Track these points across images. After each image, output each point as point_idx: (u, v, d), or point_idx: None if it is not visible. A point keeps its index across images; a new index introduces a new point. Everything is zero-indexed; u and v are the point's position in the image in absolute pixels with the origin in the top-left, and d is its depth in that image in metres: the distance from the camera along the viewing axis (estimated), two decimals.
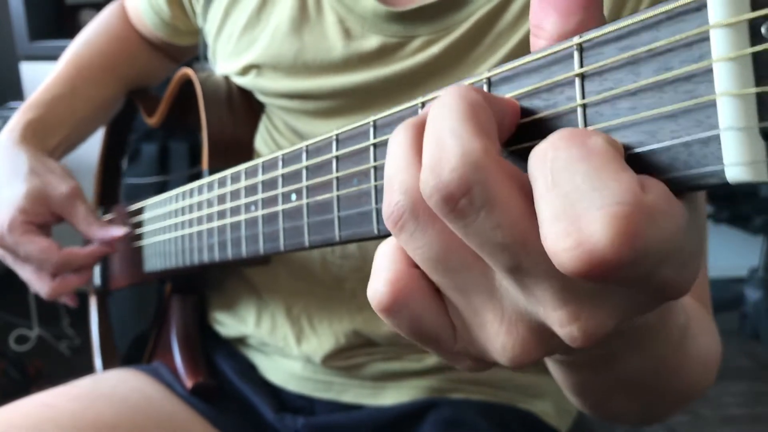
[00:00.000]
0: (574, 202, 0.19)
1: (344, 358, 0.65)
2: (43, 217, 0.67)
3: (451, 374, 0.65)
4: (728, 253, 2.26)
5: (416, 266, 0.26)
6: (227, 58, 0.65)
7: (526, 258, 0.22)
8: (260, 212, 0.44)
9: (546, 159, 0.21)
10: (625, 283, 0.20)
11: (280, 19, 0.59)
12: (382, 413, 0.65)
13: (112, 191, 0.92)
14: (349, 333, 0.63)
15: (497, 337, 0.25)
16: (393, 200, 0.24)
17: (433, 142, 0.22)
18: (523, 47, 0.52)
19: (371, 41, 0.56)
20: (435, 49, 0.54)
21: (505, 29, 0.53)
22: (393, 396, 0.65)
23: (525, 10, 0.52)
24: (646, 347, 0.33)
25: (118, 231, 0.68)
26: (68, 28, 1.97)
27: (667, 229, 0.20)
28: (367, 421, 0.65)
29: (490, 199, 0.21)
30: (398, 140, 0.25)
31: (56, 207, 0.67)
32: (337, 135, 0.35)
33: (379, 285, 0.26)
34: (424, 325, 0.26)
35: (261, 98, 0.65)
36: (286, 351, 0.67)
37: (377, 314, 0.26)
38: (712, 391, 1.85)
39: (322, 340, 0.65)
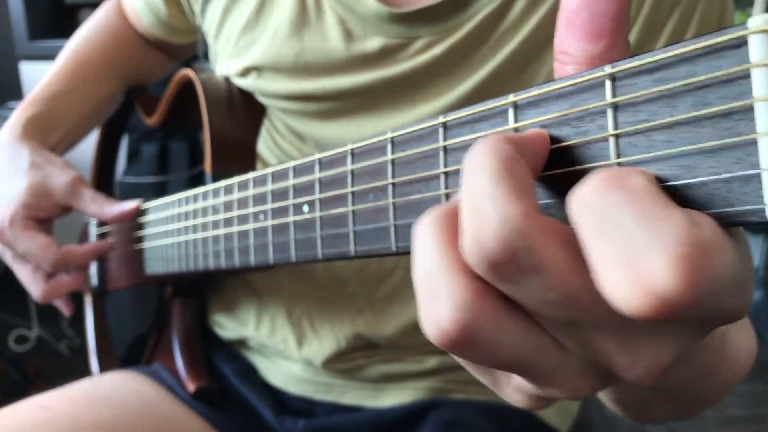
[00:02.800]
0: (630, 247, 0.19)
1: (345, 361, 0.64)
2: (47, 210, 0.67)
3: (452, 375, 0.65)
4: None
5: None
6: (227, 59, 0.64)
7: (581, 312, 0.21)
8: (270, 222, 0.43)
9: (591, 206, 0.20)
10: (692, 319, 0.21)
11: (280, 20, 0.59)
12: (382, 414, 0.65)
13: (107, 191, 0.91)
14: (350, 336, 0.63)
15: (566, 387, 0.24)
16: (445, 316, 0.22)
17: (469, 209, 0.21)
18: (526, 46, 0.52)
19: (373, 42, 0.55)
20: (438, 50, 0.54)
21: (509, 28, 0.52)
22: (394, 397, 0.65)
23: (528, 9, 0.52)
24: (691, 358, 0.32)
25: (130, 205, 0.67)
26: (67, 27, 1.96)
27: (726, 263, 0.19)
28: (368, 423, 0.65)
29: (538, 263, 0.21)
30: (427, 235, 0.23)
31: (60, 197, 0.66)
32: (352, 149, 0.35)
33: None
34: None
35: (262, 100, 0.64)
36: (286, 353, 0.67)
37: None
38: None
39: (323, 343, 0.64)
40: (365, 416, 0.65)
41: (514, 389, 0.26)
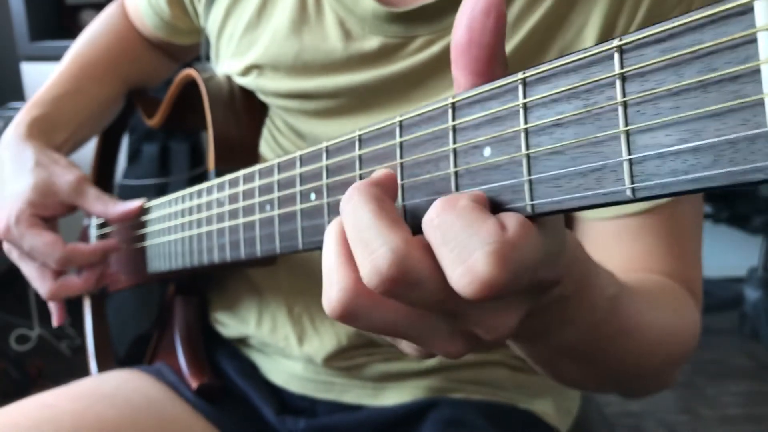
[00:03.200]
0: (461, 250, 0.26)
1: (346, 359, 0.65)
2: (52, 208, 0.67)
3: (452, 374, 0.65)
4: (728, 253, 2.26)
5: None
6: (229, 59, 0.65)
7: (451, 305, 0.28)
8: (276, 212, 0.44)
9: (433, 225, 0.27)
10: (514, 293, 0.28)
11: (281, 20, 0.59)
12: (382, 413, 0.65)
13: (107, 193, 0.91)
14: (351, 333, 0.63)
15: (441, 349, 0.31)
16: (333, 297, 0.29)
17: (360, 242, 0.28)
18: (522, 48, 0.52)
19: (372, 42, 0.56)
20: (435, 49, 0.54)
21: (506, 30, 0.53)
22: (394, 396, 0.65)
23: (527, 10, 0.52)
24: (575, 319, 0.37)
25: (135, 204, 0.68)
26: (69, 28, 1.96)
27: (530, 248, 0.26)
28: (368, 422, 0.65)
29: (422, 276, 0.27)
30: (329, 239, 0.30)
31: (65, 196, 0.67)
32: (360, 135, 0.35)
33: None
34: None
35: (263, 98, 0.65)
36: (287, 351, 0.67)
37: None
38: (712, 391, 1.85)
39: (324, 340, 0.65)
40: (365, 415, 0.65)
41: (405, 345, 0.32)
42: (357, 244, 0.28)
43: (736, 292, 2.15)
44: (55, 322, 0.73)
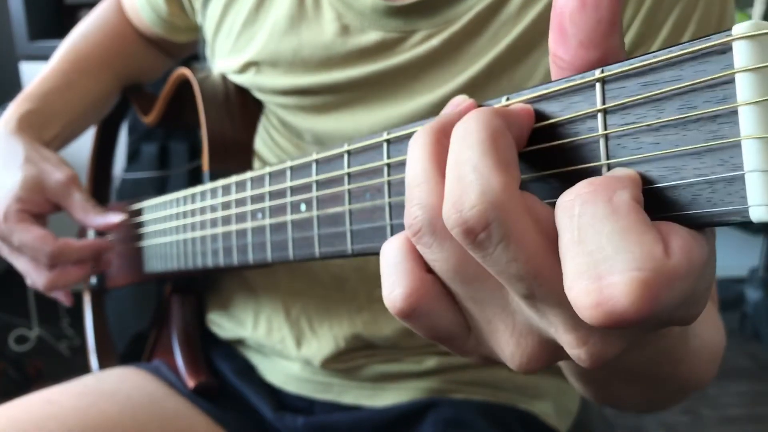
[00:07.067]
0: (598, 262, 0.20)
1: (344, 361, 0.64)
2: (40, 206, 0.67)
3: (451, 375, 0.64)
4: (728, 253, 2.25)
5: (431, 271, 0.27)
6: (226, 56, 0.65)
7: (539, 288, 0.23)
8: (268, 221, 0.44)
9: (573, 214, 0.21)
10: (641, 329, 0.23)
11: (278, 16, 0.59)
12: (382, 413, 0.65)
13: (104, 189, 0.92)
14: (349, 336, 0.63)
15: (507, 346, 0.26)
16: (412, 213, 0.26)
17: (455, 176, 0.23)
18: (524, 38, 0.52)
19: (370, 36, 0.55)
20: (435, 42, 0.54)
21: (507, 21, 0.52)
22: (392, 397, 0.65)
23: (527, 1, 0.52)
24: (648, 343, 0.33)
25: (115, 218, 0.67)
26: (68, 28, 1.97)
27: (684, 289, 0.21)
28: (367, 421, 0.64)
29: (507, 235, 0.22)
30: (418, 148, 0.26)
31: (52, 194, 0.67)
32: (348, 150, 0.35)
33: (396, 297, 0.27)
34: (440, 327, 0.28)
35: (259, 96, 0.65)
36: (284, 353, 0.67)
37: (385, 316, 0.28)
38: (712, 391, 1.85)
39: (321, 343, 0.64)
40: (364, 415, 0.65)
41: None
42: (451, 178, 0.24)
43: (737, 293, 2.14)
44: (69, 302, 0.72)
